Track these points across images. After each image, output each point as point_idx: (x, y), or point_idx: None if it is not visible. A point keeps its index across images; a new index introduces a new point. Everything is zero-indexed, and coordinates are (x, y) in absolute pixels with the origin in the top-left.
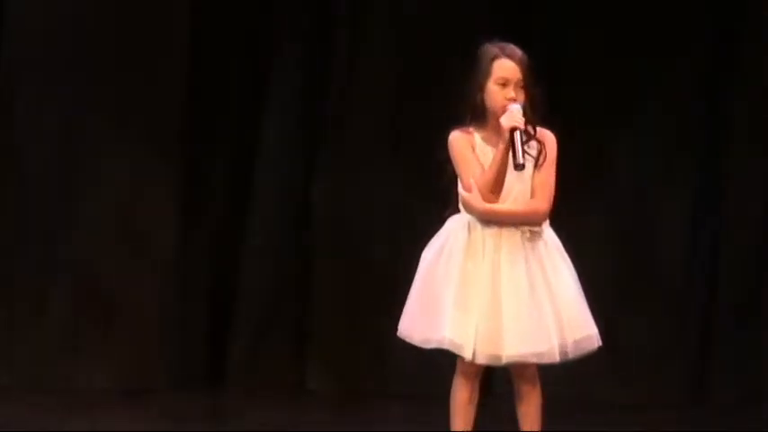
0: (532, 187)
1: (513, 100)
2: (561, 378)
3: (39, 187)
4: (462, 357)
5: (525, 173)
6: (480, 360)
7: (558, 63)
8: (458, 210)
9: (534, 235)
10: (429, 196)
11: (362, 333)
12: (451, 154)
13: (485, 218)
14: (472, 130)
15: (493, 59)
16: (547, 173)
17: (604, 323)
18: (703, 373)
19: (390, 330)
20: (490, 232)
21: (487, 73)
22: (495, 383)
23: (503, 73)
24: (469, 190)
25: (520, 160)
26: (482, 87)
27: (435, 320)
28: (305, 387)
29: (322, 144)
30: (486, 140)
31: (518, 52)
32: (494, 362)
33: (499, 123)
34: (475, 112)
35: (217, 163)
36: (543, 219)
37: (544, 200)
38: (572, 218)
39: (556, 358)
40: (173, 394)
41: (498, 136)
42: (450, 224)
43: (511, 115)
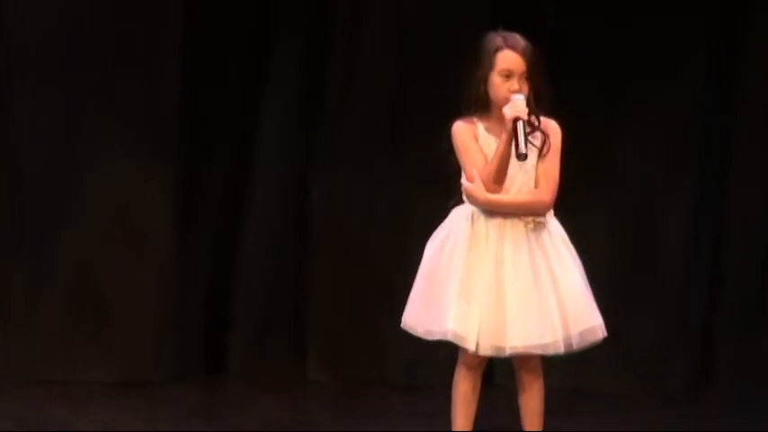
0: (536, 177)
1: (517, 91)
2: (562, 370)
3: (35, 186)
4: (465, 349)
5: (529, 163)
6: (484, 352)
7: (559, 56)
8: (462, 200)
9: (538, 225)
10: (428, 194)
11: (362, 325)
12: (455, 144)
13: (487, 208)
14: (476, 120)
15: (496, 51)
16: (551, 163)
17: (606, 319)
18: (705, 369)
19: (390, 322)
20: (493, 223)
21: (491, 64)
22: (495, 375)
23: (506, 65)
24: (472, 180)
25: (522, 150)
26: (486, 79)
27: (438, 312)
28: (305, 379)
29: (320, 143)
30: (489, 130)
31: (522, 42)
32: (497, 353)
33: (503, 114)
34: (478, 103)
35: (214, 161)
36: (547, 209)
37: (548, 190)
38: (573, 213)
39: (560, 349)
40: (171, 388)
41: (502, 126)
42: (453, 215)
43: (514, 106)
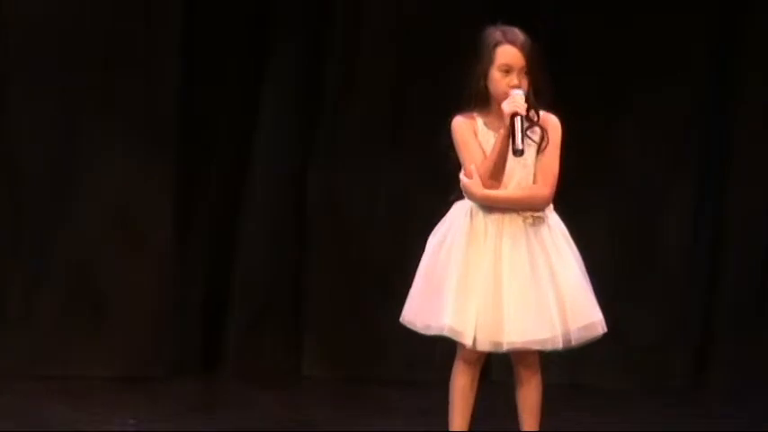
0: (535, 172)
1: (517, 86)
2: (561, 366)
3: (35, 185)
4: (463, 344)
5: (528, 158)
6: (481, 347)
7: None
8: (462, 195)
9: (537, 220)
10: (428, 193)
11: (360, 320)
12: (454, 139)
13: (484, 203)
14: (475, 115)
15: (496, 46)
16: (549, 158)
17: (606, 316)
18: (704, 368)
19: (388, 320)
20: (492, 218)
21: (490, 59)
22: (492, 371)
23: (506, 59)
24: (470, 176)
25: (519, 146)
26: (485, 74)
27: (436, 307)
28: (302, 374)
29: (320, 142)
30: (488, 126)
31: (521, 37)
32: (495, 349)
33: (502, 109)
34: (478, 98)
35: (213, 160)
36: (545, 204)
37: (546, 185)
38: (573, 212)
39: (559, 345)
40: (169, 382)
41: (501, 121)
42: (453, 210)
43: (512, 101)
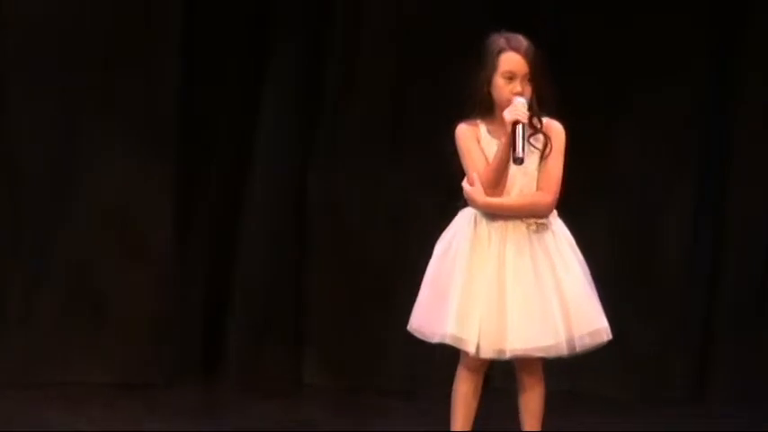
0: (538, 179)
1: (520, 94)
2: (561, 373)
3: (34, 186)
4: (465, 351)
5: (530, 165)
6: (484, 354)
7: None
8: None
9: (540, 227)
10: (428, 194)
11: (361, 328)
12: (457, 147)
13: (487, 211)
14: (478, 123)
15: (499, 53)
16: (552, 164)
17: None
18: (704, 371)
19: (389, 325)
20: (496, 225)
21: (494, 66)
22: (494, 378)
23: (509, 66)
24: (472, 184)
25: (519, 154)
26: (489, 80)
27: (441, 315)
28: (302, 382)
29: (320, 143)
30: (491, 133)
31: (525, 44)
32: (498, 356)
33: (503, 116)
34: (482, 105)
35: (213, 161)
36: (548, 211)
37: (549, 192)
38: (572, 214)
39: (563, 352)
40: (170, 390)
41: (504, 128)
42: (458, 217)
43: (514, 109)
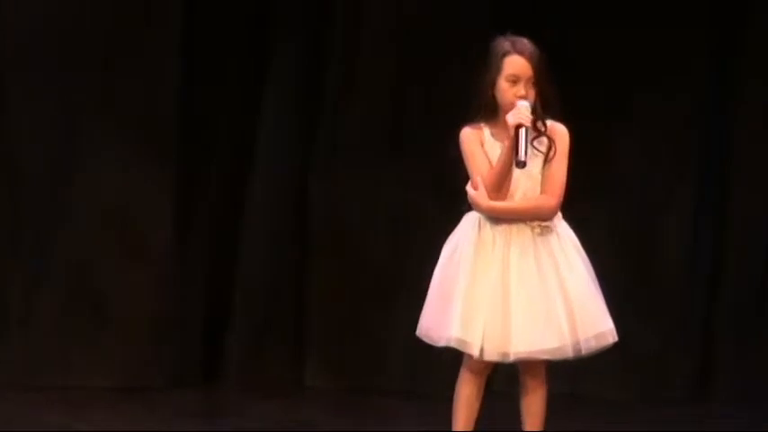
0: (542, 182)
1: (523, 97)
2: (561, 375)
3: (33, 186)
4: (469, 354)
5: (534, 169)
6: (489, 357)
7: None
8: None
9: (545, 230)
10: (428, 195)
11: (361, 329)
12: (462, 151)
13: (491, 215)
14: (482, 126)
15: (504, 56)
16: (556, 167)
17: None
18: (704, 371)
19: (389, 325)
20: (500, 229)
21: (498, 69)
22: (494, 382)
23: (513, 70)
24: (476, 187)
25: (522, 158)
26: (493, 83)
27: (446, 319)
28: (303, 384)
29: (320, 143)
30: (495, 136)
31: (529, 48)
32: (502, 359)
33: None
34: (486, 108)
35: (213, 161)
36: (552, 214)
37: (552, 195)
38: (573, 216)
39: (568, 354)
40: (170, 392)
41: (508, 132)
42: (464, 221)
43: (517, 112)
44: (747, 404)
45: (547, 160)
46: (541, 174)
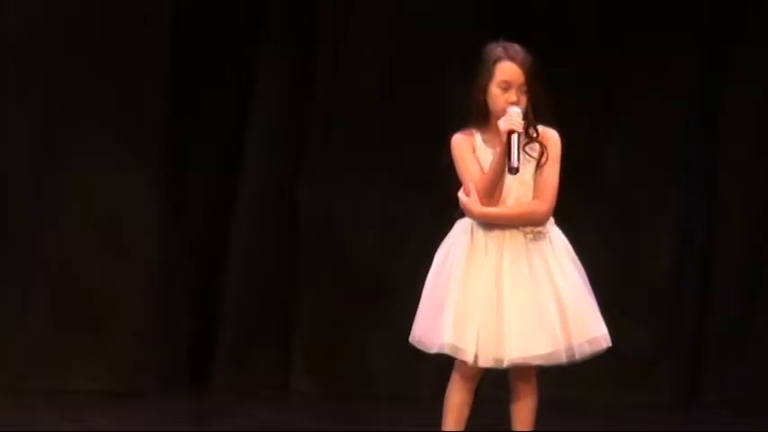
0: (534, 188)
1: (515, 103)
2: (550, 380)
3: (22, 190)
4: (462, 360)
5: (527, 174)
6: (483, 363)
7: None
8: None
9: (538, 235)
10: (417, 201)
11: (348, 335)
12: (453, 157)
13: (483, 221)
14: (473, 132)
15: (496, 62)
16: (548, 173)
17: None
18: (694, 376)
19: (378, 330)
20: (492, 234)
21: (490, 75)
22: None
23: (505, 76)
24: (468, 194)
25: (514, 164)
26: (484, 89)
27: (439, 325)
28: (290, 389)
29: (309, 145)
30: (486, 142)
31: (521, 54)
32: (496, 365)
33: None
34: (478, 114)
35: (202, 164)
36: (544, 219)
37: (545, 200)
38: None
39: (562, 360)
40: (158, 396)
41: (499, 138)
42: (456, 227)
43: (509, 119)
44: (737, 410)
45: (539, 166)
46: (533, 179)
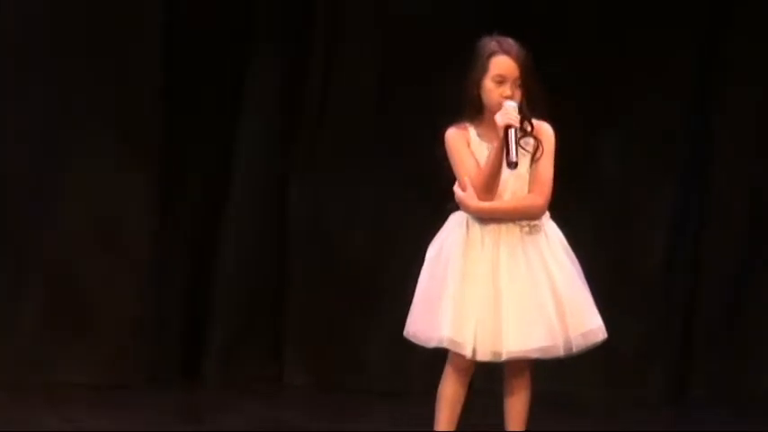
0: (530, 182)
1: (510, 98)
2: (545, 376)
3: (14, 187)
4: (456, 353)
5: (521, 169)
6: (481, 357)
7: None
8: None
9: (534, 229)
10: (410, 198)
11: (340, 328)
12: (447, 151)
13: (479, 215)
14: (468, 126)
15: (490, 56)
16: (544, 167)
17: None
18: (684, 374)
19: (370, 324)
20: (488, 228)
21: (484, 69)
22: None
23: (499, 70)
24: (464, 188)
25: (513, 158)
26: (479, 83)
27: (436, 319)
28: (283, 383)
29: (300, 144)
30: (481, 136)
31: (516, 48)
32: (494, 358)
33: (495, 120)
34: (472, 108)
35: (193, 162)
36: (540, 213)
37: (540, 194)
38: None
39: (559, 352)
40: (150, 391)
41: (494, 132)
42: (450, 221)
43: (505, 113)
44: (726, 406)
45: (534, 160)
46: (528, 173)
